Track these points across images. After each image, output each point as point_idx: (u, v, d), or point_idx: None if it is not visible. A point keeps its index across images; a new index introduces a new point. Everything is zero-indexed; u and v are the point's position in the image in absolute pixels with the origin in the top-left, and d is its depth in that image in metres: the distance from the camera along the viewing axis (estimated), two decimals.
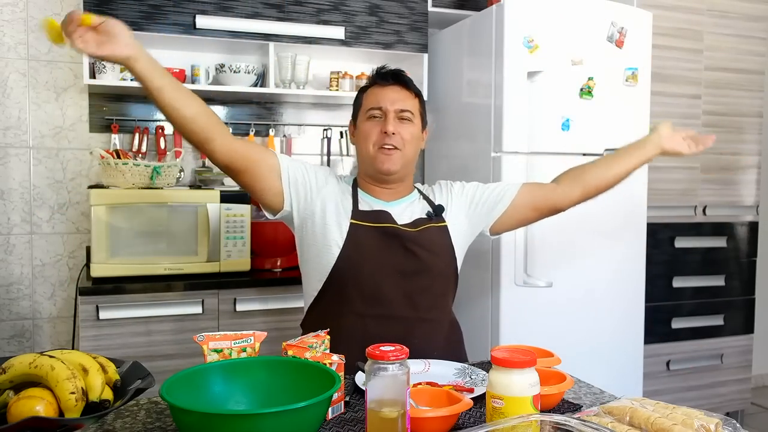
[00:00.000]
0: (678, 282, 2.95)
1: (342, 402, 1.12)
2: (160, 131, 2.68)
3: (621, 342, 2.54)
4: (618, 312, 2.53)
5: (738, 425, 0.94)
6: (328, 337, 1.21)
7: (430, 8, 2.78)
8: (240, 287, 2.32)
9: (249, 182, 1.52)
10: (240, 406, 1.03)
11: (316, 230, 1.55)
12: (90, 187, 2.33)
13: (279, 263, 2.51)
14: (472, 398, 1.13)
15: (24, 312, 2.60)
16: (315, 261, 1.56)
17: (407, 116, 1.57)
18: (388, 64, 1.67)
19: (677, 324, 2.96)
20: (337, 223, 1.53)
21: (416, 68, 2.77)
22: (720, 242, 3.04)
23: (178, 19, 2.41)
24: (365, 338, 1.25)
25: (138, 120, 2.68)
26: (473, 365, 1.37)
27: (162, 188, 2.33)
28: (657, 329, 2.89)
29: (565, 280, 2.40)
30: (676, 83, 2.89)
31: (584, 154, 2.44)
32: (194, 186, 2.67)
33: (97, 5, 2.29)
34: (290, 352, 1.12)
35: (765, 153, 3.19)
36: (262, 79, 2.70)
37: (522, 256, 2.35)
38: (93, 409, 0.96)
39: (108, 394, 1.00)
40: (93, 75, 2.44)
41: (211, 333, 1.12)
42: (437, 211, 1.61)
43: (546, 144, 2.38)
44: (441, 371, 1.33)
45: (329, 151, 2.95)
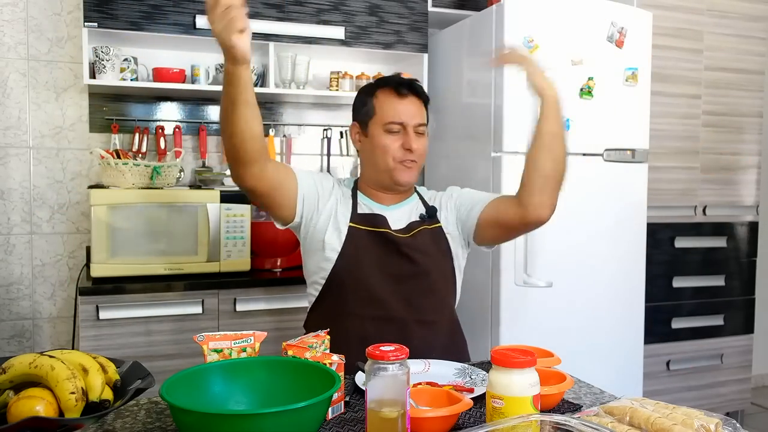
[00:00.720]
0: (678, 282, 2.95)
1: (342, 402, 1.12)
2: (160, 131, 2.68)
3: (621, 342, 2.54)
4: (618, 312, 2.53)
5: (738, 425, 0.94)
6: (328, 337, 1.21)
7: (430, 8, 2.78)
8: (240, 287, 2.32)
9: (266, 203, 1.53)
10: (240, 406, 1.03)
11: (317, 236, 1.57)
12: (90, 187, 2.33)
13: (279, 263, 2.51)
14: (472, 398, 1.13)
15: (24, 312, 2.60)
16: (316, 264, 1.59)
17: (422, 130, 1.60)
18: (401, 72, 1.67)
19: (677, 324, 2.96)
20: (337, 228, 1.55)
21: (416, 68, 2.77)
22: (720, 242, 3.04)
23: (178, 19, 2.40)
24: (364, 340, 1.25)
25: (138, 120, 2.68)
26: (473, 365, 1.37)
27: (162, 188, 2.33)
28: (657, 329, 2.89)
29: (565, 280, 2.40)
30: (676, 83, 2.89)
31: (584, 154, 2.44)
32: (194, 186, 2.67)
33: (97, 5, 2.29)
34: (290, 352, 1.12)
35: (765, 153, 3.19)
36: (262, 79, 2.70)
37: (522, 256, 2.35)
38: (93, 409, 0.96)
39: (108, 394, 1.00)
40: (93, 75, 2.44)
41: (211, 333, 1.12)
42: (430, 213, 1.61)
43: None
44: (441, 371, 1.33)
45: (329, 151, 2.95)
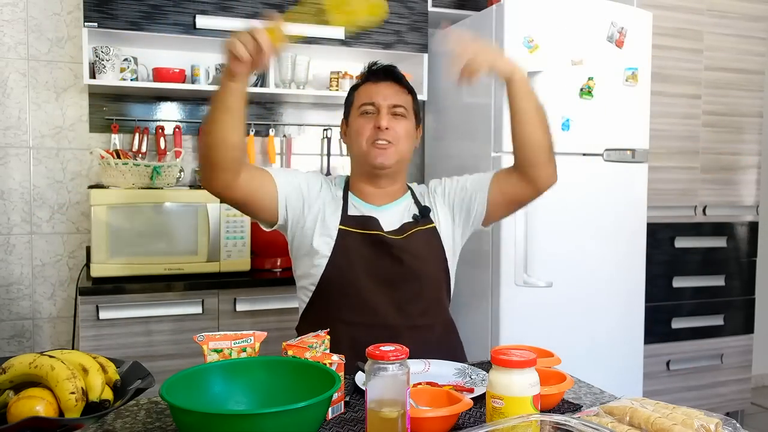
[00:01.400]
0: (678, 282, 2.95)
1: (342, 402, 1.12)
2: (160, 131, 2.68)
3: (621, 342, 2.54)
4: (618, 312, 2.53)
5: (738, 425, 0.94)
6: (328, 337, 1.21)
7: (430, 8, 2.78)
8: (240, 287, 2.32)
9: (243, 211, 1.53)
10: (240, 406, 1.03)
11: (305, 240, 1.53)
12: (90, 187, 2.33)
13: (279, 263, 2.51)
14: (472, 398, 1.13)
15: (24, 312, 2.60)
16: (305, 269, 1.55)
17: (401, 111, 1.55)
18: (380, 61, 1.65)
19: (677, 324, 2.96)
20: (326, 232, 1.51)
21: (416, 68, 2.76)
22: (720, 242, 3.04)
23: (178, 19, 2.40)
24: (356, 348, 1.23)
25: (138, 120, 2.68)
26: (473, 365, 1.37)
27: (162, 188, 2.33)
28: (657, 329, 2.89)
29: (565, 280, 2.40)
30: (676, 83, 2.89)
31: (584, 154, 2.44)
32: (194, 186, 2.67)
33: (97, 5, 2.29)
34: (290, 352, 1.12)
35: (765, 153, 3.19)
36: (262, 79, 2.69)
37: (522, 256, 2.35)
38: (93, 409, 0.96)
39: (108, 394, 1.00)
40: (93, 75, 2.43)
41: (211, 333, 1.12)
42: (423, 213, 1.57)
43: None
44: (441, 371, 1.33)
45: (329, 151, 2.95)
